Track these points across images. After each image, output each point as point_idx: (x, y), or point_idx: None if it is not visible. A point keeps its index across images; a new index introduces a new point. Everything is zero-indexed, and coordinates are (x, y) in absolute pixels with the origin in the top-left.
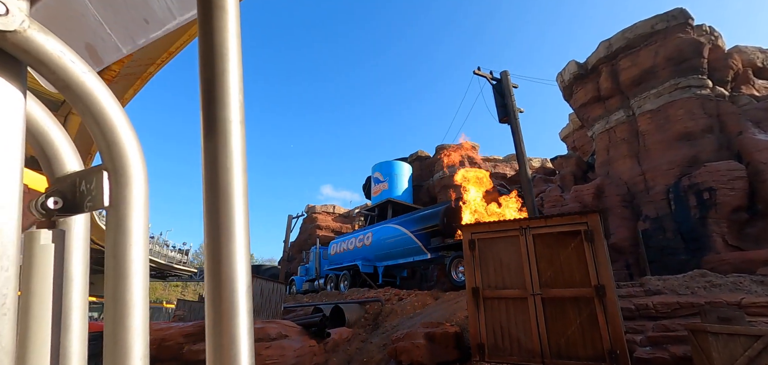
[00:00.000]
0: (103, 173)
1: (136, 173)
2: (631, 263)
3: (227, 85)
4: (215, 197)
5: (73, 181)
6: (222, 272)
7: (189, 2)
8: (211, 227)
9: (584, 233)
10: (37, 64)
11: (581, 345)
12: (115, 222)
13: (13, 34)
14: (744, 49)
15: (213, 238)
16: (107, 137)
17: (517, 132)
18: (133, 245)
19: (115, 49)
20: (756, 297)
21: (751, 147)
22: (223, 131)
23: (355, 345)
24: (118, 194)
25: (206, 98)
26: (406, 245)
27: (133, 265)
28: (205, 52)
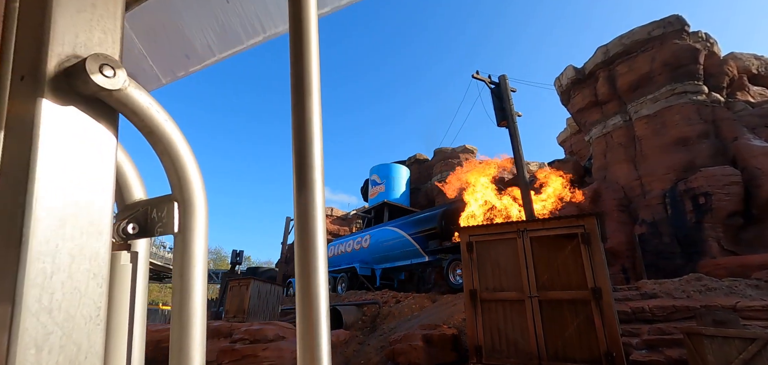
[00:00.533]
0: (174, 204)
1: (199, 204)
2: (627, 268)
3: (313, 153)
4: (305, 244)
5: (146, 209)
6: (310, 300)
7: (228, 42)
8: (301, 266)
9: (581, 235)
10: (130, 114)
11: (578, 347)
12: (182, 247)
13: (117, 92)
14: (739, 56)
15: (303, 276)
16: (179, 173)
17: (515, 136)
18: (196, 267)
19: (156, 80)
20: (751, 300)
21: (746, 153)
22: (311, 188)
23: (353, 348)
24: (185, 222)
25: (298, 163)
26: (403, 248)
27: (195, 284)
28: (297, 123)
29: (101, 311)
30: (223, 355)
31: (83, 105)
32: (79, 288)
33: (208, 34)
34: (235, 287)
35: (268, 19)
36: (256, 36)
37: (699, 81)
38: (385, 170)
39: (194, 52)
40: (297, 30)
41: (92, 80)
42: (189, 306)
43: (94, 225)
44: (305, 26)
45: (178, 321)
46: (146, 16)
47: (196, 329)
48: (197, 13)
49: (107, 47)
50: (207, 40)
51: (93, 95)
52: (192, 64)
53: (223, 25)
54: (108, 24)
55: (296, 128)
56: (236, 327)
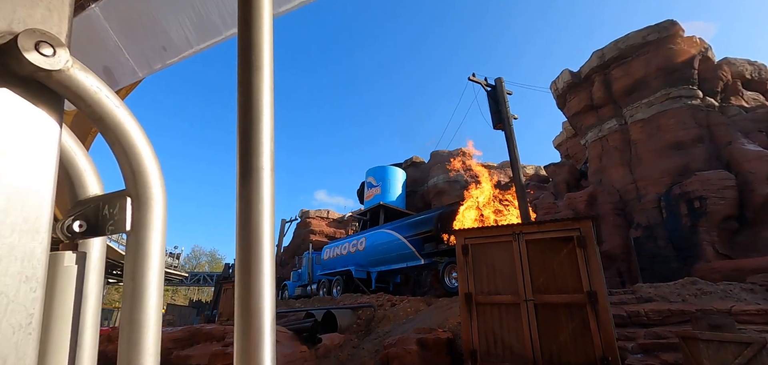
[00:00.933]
0: (126, 199)
1: (156, 199)
2: (622, 271)
3: (261, 135)
4: (248, 237)
5: (97, 205)
6: (251, 306)
7: (206, 33)
8: (242, 263)
9: (577, 239)
10: (75, 99)
11: (573, 351)
12: (135, 246)
13: (58, 73)
14: (733, 61)
15: (243, 274)
16: (133, 166)
17: (511, 138)
18: (150, 269)
19: (132, 73)
20: (746, 304)
21: (740, 157)
22: (256, 178)
23: (347, 351)
24: (139, 219)
25: (243, 147)
26: (399, 251)
27: (149, 288)
28: (244, 104)
29: (34, 318)
30: (214, 359)
31: (18, 87)
32: (6, 292)
33: (185, 24)
34: (229, 290)
35: None
36: (234, 27)
37: (694, 86)
38: (382, 172)
39: (171, 43)
40: (246, 30)
41: (25, 58)
42: (141, 312)
43: (28, 222)
44: (257, 25)
45: (128, 330)
46: (122, 7)
47: (148, 338)
48: (174, 3)
49: (51, 25)
50: (184, 31)
51: (29, 75)
52: (169, 56)
53: (200, 15)
54: (55, 1)
55: (242, 128)
56: (229, 331)
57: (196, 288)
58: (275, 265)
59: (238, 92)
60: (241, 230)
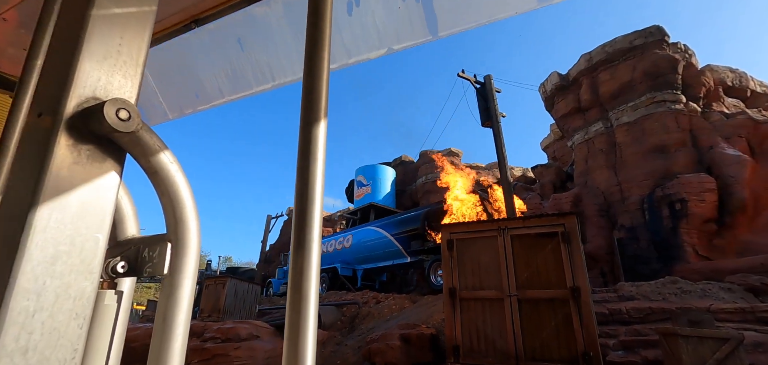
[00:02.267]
0: (167, 244)
1: (192, 246)
2: (606, 272)
3: (314, 214)
4: (299, 292)
5: (138, 247)
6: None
7: (238, 85)
8: (292, 314)
9: (561, 234)
10: (138, 156)
11: (556, 347)
12: (171, 289)
13: (130, 135)
14: (716, 68)
15: (292, 332)
16: (176, 214)
17: (498, 136)
18: (181, 312)
19: (163, 115)
20: (724, 303)
21: (721, 161)
22: (306, 248)
23: (330, 348)
24: (176, 264)
25: (299, 221)
26: (386, 248)
27: (178, 329)
28: (302, 177)
29: (77, 353)
30: (192, 354)
31: (95, 145)
32: (58, 328)
33: (219, 77)
34: (211, 285)
35: (278, 69)
36: (266, 83)
37: (677, 91)
38: (371, 171)
39: (204, 92)
40: (310, 81)
41: (107, 122)
42: (168, 352)
43: (85, 264)
44: (318, 82)
45: None
46: (162, 56)
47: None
48: (212, 57)
49: (126, 91)
50: (218, 83)
51: (106, 135)
52: (200, 104)
53: (235, 70)
54: (130, 70)
55: (300, 187)
56: (209, 326)
57: None
58: (262, 264)
59: (298, 174)
60: (293, 296)
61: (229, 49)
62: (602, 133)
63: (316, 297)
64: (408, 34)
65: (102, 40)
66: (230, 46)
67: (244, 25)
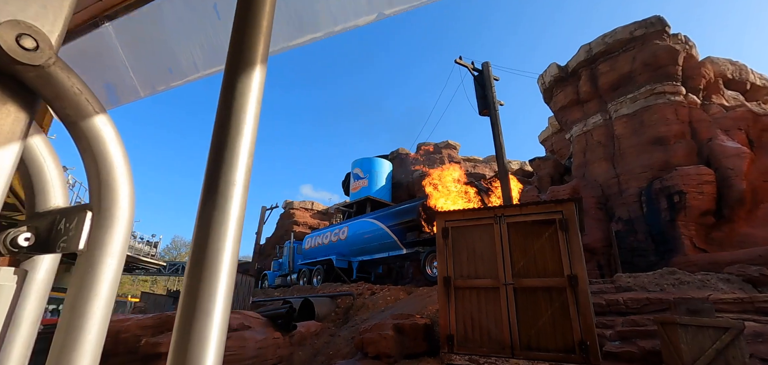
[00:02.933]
0: (86, 213)
1: (120, 218)
2: (603, 264)
3: (239, 150)
4: (201, 263)
5: (54, 218)
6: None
7: (215, 58)
8: (189, 292)
9: (559, 222)
10: (52, 99)
11: (551, 336)
12: (85, 269)
13: (36, 69)
14: (716, 60)
15: (190, 301)
16: (101, 176)
17: (496, 124)
18: (96, 299)
19: (134, 92)
20: (722, 293)
21: (720, 154)
22: (224, 194)
23: (323, 339)
24: (96, 238)
25: (214, 158)
26: (381, 240)
27: (89, 322)
28: (223, 113)
29: None
30: None
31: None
32: None
33: (194, 49)
34: None
35: None
36: None
37: (677, 82)
38: (368, 164)
39: (178, 66)
40: (235, 66)
41: (3, 50)
42: (76, 351)
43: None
44: (247, 62)
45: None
46: (134, 27)
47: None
48: (186, 28)
49: (44, 22)
50: (192, 56)
51: (5, 69)
52: (174, 79)
53: (211, 41)
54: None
55: None
56: None
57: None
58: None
59: (221, 97)
60: (194, 259)
61: (204, 18)
62: (601, 125)
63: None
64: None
65: None
66: (205, 14)
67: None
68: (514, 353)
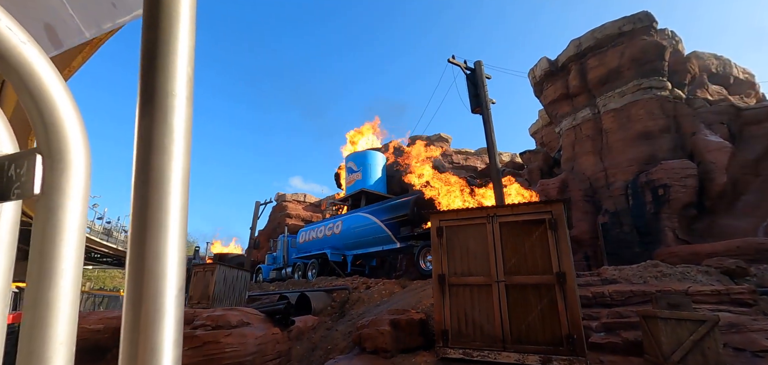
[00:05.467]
0: (36, 157)
1: (75, 159)
2: (589, 256)
3: (175, 54)
4: (147, 183)
5: (2, 165)
6: (146, 270)
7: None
8: (139, 214)
9: (548, 221)
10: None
11: (541, 330)
12: (46, 213)
13: None
14: (701, 55)
15: (140, 225)
16: (44, 116)
17: (488, 123)
18: (64, 243)
19: (78, 33)
20: (701, 286)
21: (703, 148)
22: (162, 105)
23: (320, 333)
24: (52, 182)
25: (147, 65)
26: (375, 234)
27: (60, 266)
28: (151, 9)
29: None
30: (183, 342)
31: None
32: None
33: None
34: (200, 272)
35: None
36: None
37: (663, 77)
38: (362, 157)
39: (123, 1)
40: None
41: None
42: (49, 296)
43: None
44: None
45: (31, 317)
46: None
47: (59, 329)
48: None
49: None
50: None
51: None
52: (120, 14)
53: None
54: None
55: None
56: (199, 314)
57: None
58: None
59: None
60: (139, 177)
61: None
62: (589, 119)
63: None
64: None
65: None
66: None
67: None
68: (505, 346)
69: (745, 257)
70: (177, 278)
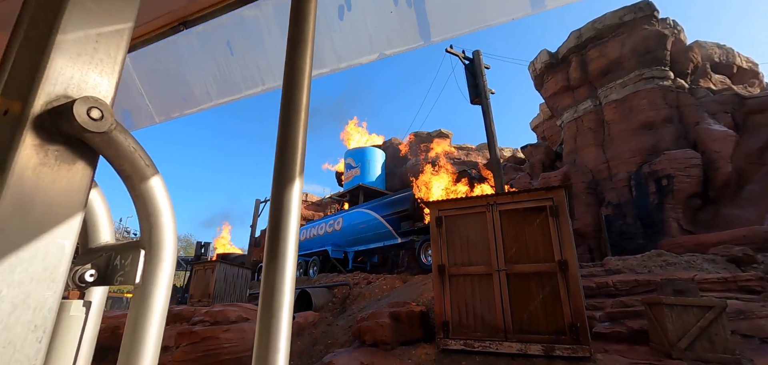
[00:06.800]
0: (140, 252)
1: (167, 255)
2: (593, 248)
3: (296, 165)
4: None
5: (110, 255)
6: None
7: (227, 89)
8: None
9: (549, 208)
10: (113, 158)
11: (543, 319)
12: (142, 300)
13: (102, 135)
14: (703, 44)
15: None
16: (151, 221)
17: (487, 113)
18: (153, 324)
19: (149, 118)
20: (707, 274)
21: (706, 137)
22: (282, 252)
23: (321, 329)
24: (149, 273)
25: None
26: (376, 230)
27: (148, 343)
28: (282, 148)
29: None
30: (180, 338)
31: (65, 145)
32: (14, 341)
33: (207, 81)
34: (201, 270)
35: (268, 72)
36: (255, 87)
37: (665, 67)
38: (360, 153)
39: (191, 96)
40: (289, 85)
41: (77, 122)
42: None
43: (47, 272)
44: (298, 84)
45: None
46: (150, 59)
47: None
48: (200, 61)
49: (101, 91)
50: (206, 87)
51: (76, 136)
52: (188, 107)
53: (224, 73)
54: (106, 68)
55: (278, 186)
56: (198, 311)
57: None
58: (254, 250)
59: (278, 145)
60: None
61: (217, 52)
62: (591, 111)
63: (289, 310)
64: (400, 40)
65: (77, 35)
66: (219, 49)
67: (233, 28)
68: (507, 337)
69: (752, 247)
70: (288, 316)
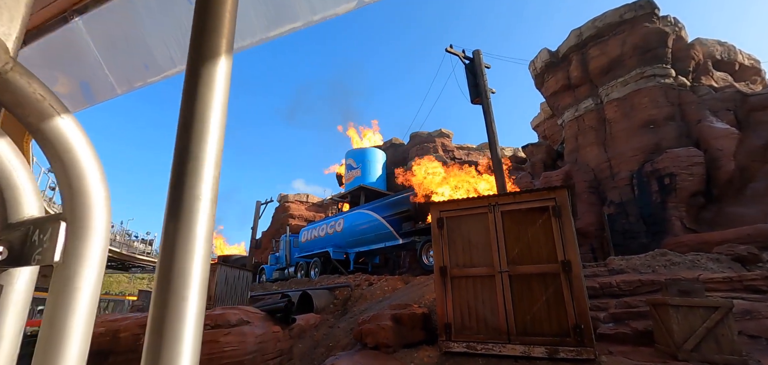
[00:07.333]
0: (60, 224)
1: (97, 228)
2: (595, 248)
3: (203, 161)
4: (168, 287)
5: (27, 229)
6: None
7: None
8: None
9: (552, 209)
10: (13, 106)
11: (547, 321)
12: (63, 282)
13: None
14: (705, 42)
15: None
16: (73, 185)
17: (488, 112)
18: (76, 313)
19: (110, 89)
20: (712, 273)
21: (709, 135)
22: (189, 209)
23: (322, 331)
24: (72, 250)
25: (178, 173)
26: (377, 231)
27: (71, 336)
28: (185, 121)
29: None
30: None
31: None
32: None
33: (170, 44)
34: None
35: (240, 31)
36: None
37: (667, 64)
38: (361, 154)
39: (154, 62)
40: (196, 64)
41: None
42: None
43: None
44: (211, 60)
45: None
46: (107, 22)
47: None
48: (160, 22)
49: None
50: (169, 51)
51: None
52: (151, 75)
53: (187, 35)
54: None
55: None
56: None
57: None
58: None
59: (183, 101)
60: (162, 278)
61: (179, 11)
62: (592, 110)
63: (200, 285)
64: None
65: None
66: (180, 6)
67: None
68: (510, 339)
69: (757, 246)
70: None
